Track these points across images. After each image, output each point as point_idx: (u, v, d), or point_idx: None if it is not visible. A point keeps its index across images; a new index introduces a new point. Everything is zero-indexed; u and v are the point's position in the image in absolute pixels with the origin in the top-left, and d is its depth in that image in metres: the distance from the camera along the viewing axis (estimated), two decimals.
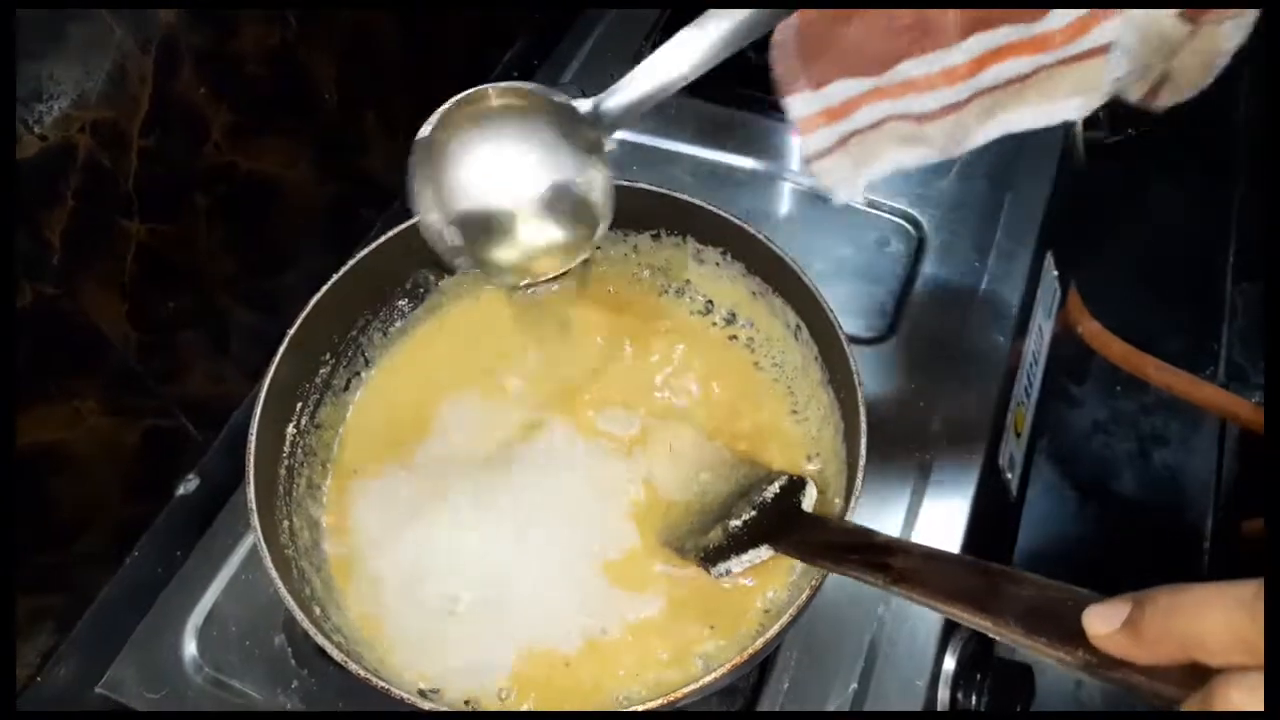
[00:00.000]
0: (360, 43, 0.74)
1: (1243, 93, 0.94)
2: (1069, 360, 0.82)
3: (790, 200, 0.82)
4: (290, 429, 0.57)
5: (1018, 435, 0.74)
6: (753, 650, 0.46)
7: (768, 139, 0.83)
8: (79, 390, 0.58)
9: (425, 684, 0.52)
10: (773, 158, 0.83)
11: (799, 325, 0.60)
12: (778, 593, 0.54)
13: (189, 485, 0.68)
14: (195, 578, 0.63)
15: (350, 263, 0.57)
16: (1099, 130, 0.82)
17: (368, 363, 0.63)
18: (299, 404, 0.58)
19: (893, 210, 0.79)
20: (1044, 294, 0.78)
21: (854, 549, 0.41)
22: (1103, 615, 0.28)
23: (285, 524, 0.54)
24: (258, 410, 0.52)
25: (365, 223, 0.81)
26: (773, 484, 0.51)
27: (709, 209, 0.59)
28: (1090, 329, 0.84)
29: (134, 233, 0.59)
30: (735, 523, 0.49)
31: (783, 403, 0.62)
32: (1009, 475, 0.72)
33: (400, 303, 0.64)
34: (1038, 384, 0.77)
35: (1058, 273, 0.81)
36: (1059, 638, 0.28)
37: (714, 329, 0.65)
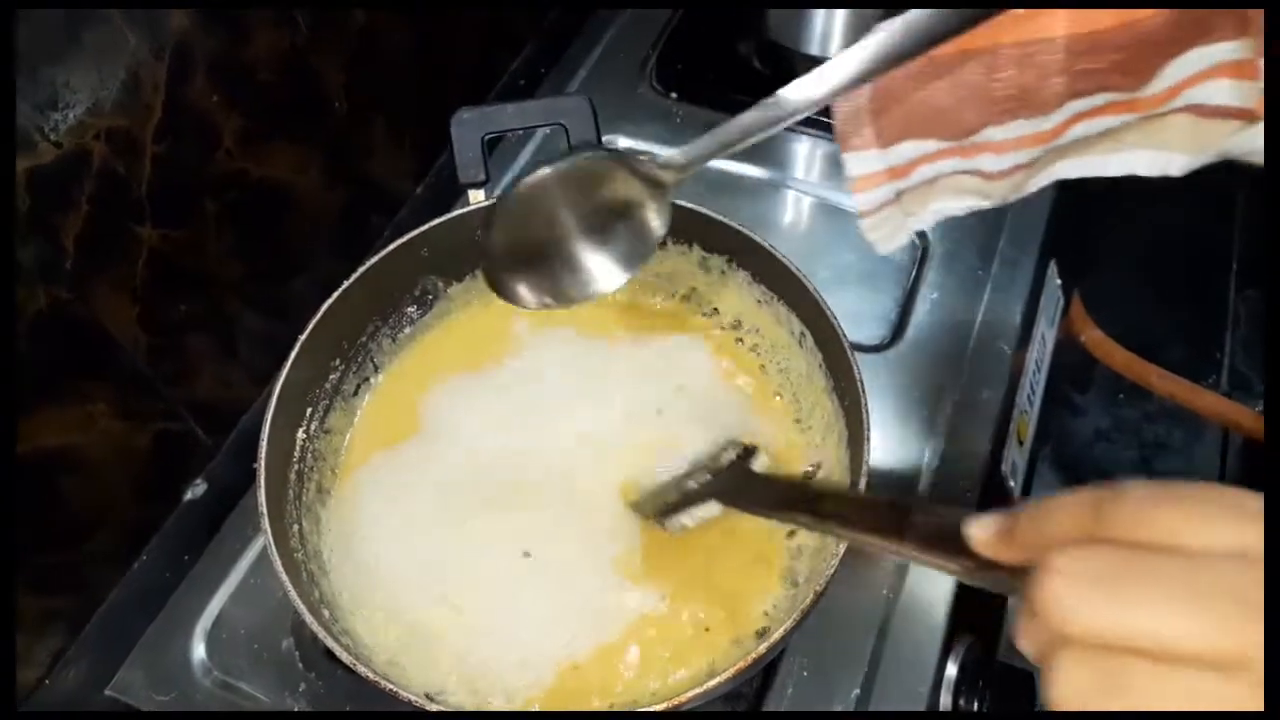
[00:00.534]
0: (369, 48, 0.74)
1: None
2: (1072, 368, 0.83)
3: (794, 208, 0.83)
4: (300, 433, 0.57)
5: (1020, 443, 0.74)
6: (756, 655, 0.46)
7: (773, 147, 0.83)
8: (91, 394, 0.59)
9: (432, 688, 0.52)
10: (778, 166, 0.83)
11: (804, 333, 0.60)
12: (781, 598, 0.54)
13: (197, 490, 0.68)
14: (204, 581, 0.63)
15: (360, 269, 0.58)
16: None
17: (376, 368, 0.64)
18: (309, 409, 0.58)
19: None
20: (1047, 302, 0.79)
21: (789, 499, 0.45)
22: (982, 524, 0.31)
23: (295, 528, 0.54)
24: (269, 415, 0.52)
25: (374, 228, 0.81)
26: (728, 450, 0.54)
27: (715, 218, 0.60)
28: (1093, 337, 0.84)
29: (146, 238, 0.59)
30: (691, 483, 0.53)
31: (787, 410, 0.62)
32: (1012, 483, 0.73)
33: (409, 309, 0.64)
34: (1041, 392, 0.77)
35: (1061, 281, 0.82)
36: (950, 551, 0.32)
37: (719, 333, 0.65)
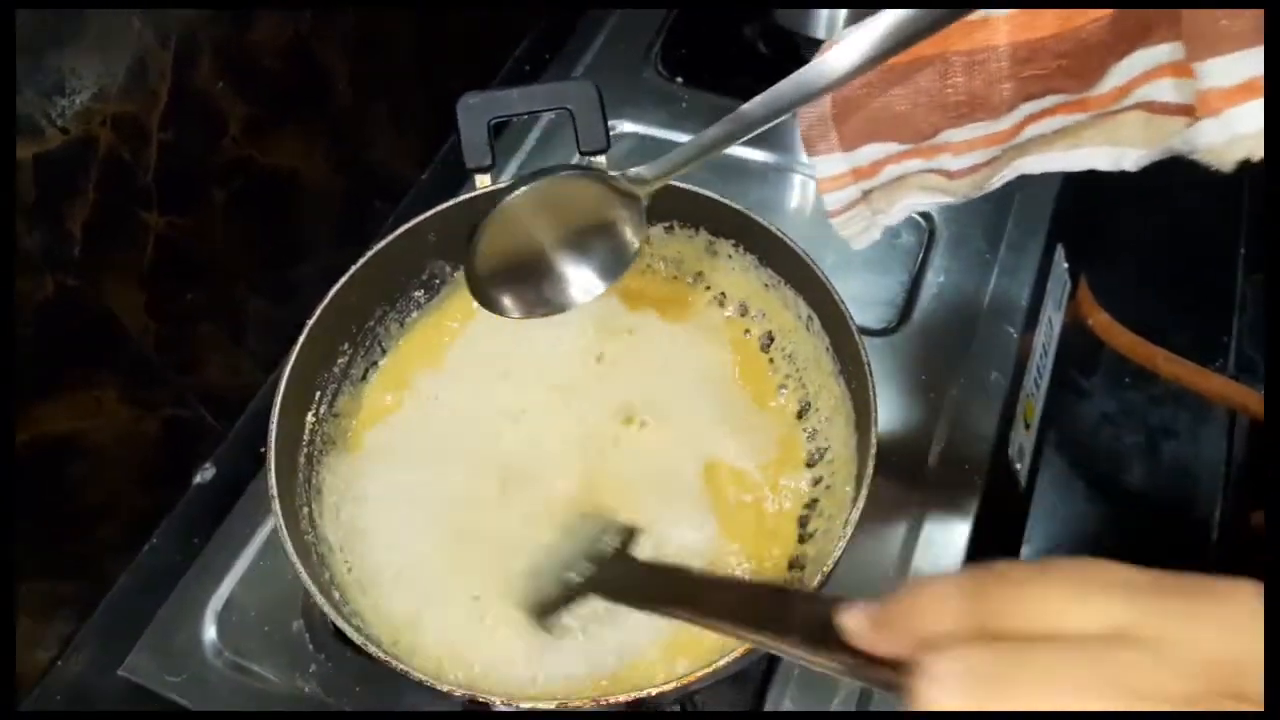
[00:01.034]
0: (373, 34, 0.74)
1: None
2: (1078, 352, 0.82)
3: (801, 191, 0.82)
4: (309, 417, 0.58)
5: (1027, 426, 0.74)
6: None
7: (778, 131, 0.82)
8: (99, 380, 0.59)
9: (435, 665, 0.52)
10: (783, 150, 0.83)
11: (810, 316, 0.60)
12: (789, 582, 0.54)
13: (206, 474, 0.69)
14: (214, 565, 0.64)
15: (368, 254, 0.58)
16: None
17: (384, 352, 0.64)
18: (318, 393, 0.59)
19: None
20: (1054, 286, 0.78)
21: (673, 594, 0.42)
22: (854, 614, 0.28)
23: (305, 510, 0.54)
24: (278, 399, 0.53)
25: (378, 214, 0.81)
26: (608, 536, 0.50)
27: (722, 202, 0.60)
28: (1100, 321, 0.84)
29: (153, 225, 0.59)
30: (572, 575, 0.49)
31: (791, 395, 0.62)
32: (1018, 466, 0.73)
33: (416, 294, 0.64)
34: (1047, 376, 0.77)
35: (1068, 265, 0.82)
36: (832, 648, 0.29)
37: (725, 317, 0.65)
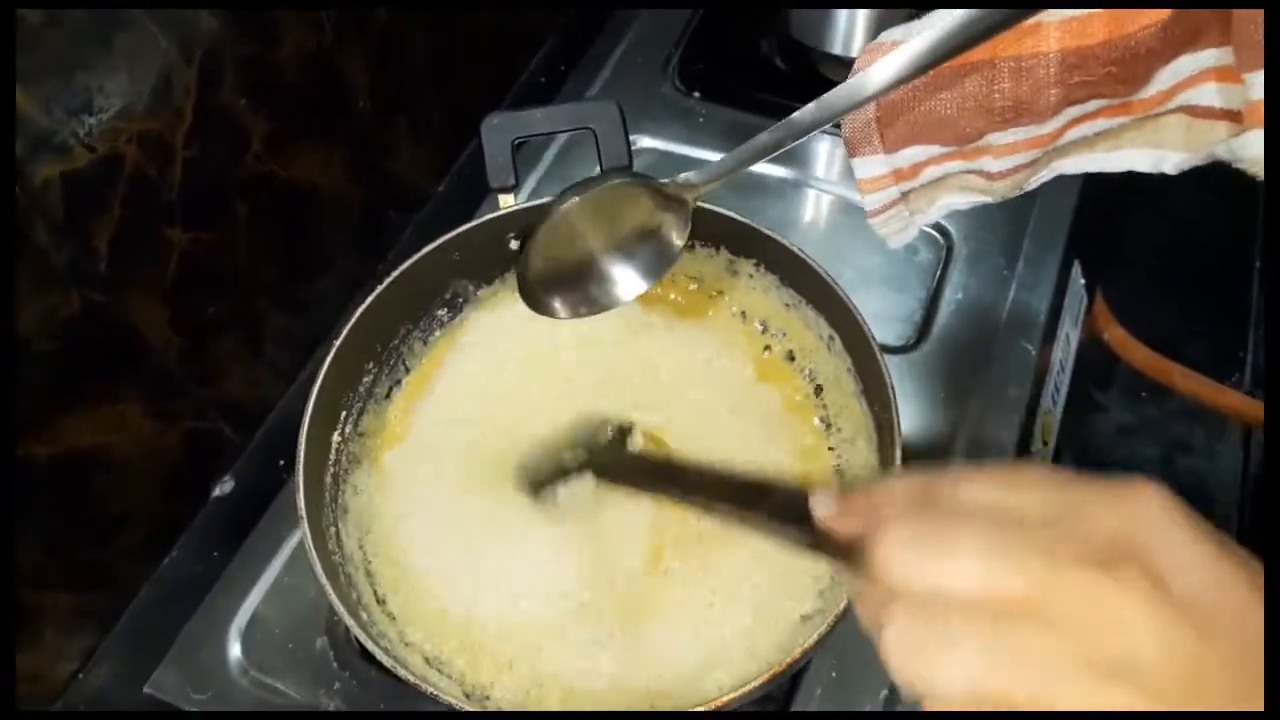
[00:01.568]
0: (392, 47, 0.74)
1: None
2: (1094, 367, 0.82)
3: (818, 208, 0.82)
4: (335, 436, 0.58)
5: (1045, 442, 0.74)
6: (791, 659, 0.47)
7: (796, 147, 0.83)
8: (123, 394, 0.59)
9: (461, 689, 0.53)
10: (801, 166, 0.83)
11: (832, 337, 0.60)
12: (815, 601, 0.55)
13: (225, 487, 0.69)
14: (238, 581, 0.64)
15: (394, 274, 0.58)
16: None
17: (408, 370, 0.64)
18: (343, 412, 0.59)
19: None
20: (1071, 302, 0.78)
21: (659, 474, 0.46)
22: (824, 498, 0.32)
23: (332, 530, 0.55)
24: (306, 419, 0.53)
25: (395, 226, 0.81)
26: (605, 429, 0.56)
27: (742, 221, 0.60)
28: (1116, 336, 0.84)
29: (177, 241, 0.59)
30: (567, 456, 0.54)
31: (812, 414, 0.62)
32: None
33: (440, 312, 0.64)
34: (1065, 391, 0.77)
35: (1084, 280, 0.82)
36: (794, 522, 0.33)
37: (747, 336, 0.65)
